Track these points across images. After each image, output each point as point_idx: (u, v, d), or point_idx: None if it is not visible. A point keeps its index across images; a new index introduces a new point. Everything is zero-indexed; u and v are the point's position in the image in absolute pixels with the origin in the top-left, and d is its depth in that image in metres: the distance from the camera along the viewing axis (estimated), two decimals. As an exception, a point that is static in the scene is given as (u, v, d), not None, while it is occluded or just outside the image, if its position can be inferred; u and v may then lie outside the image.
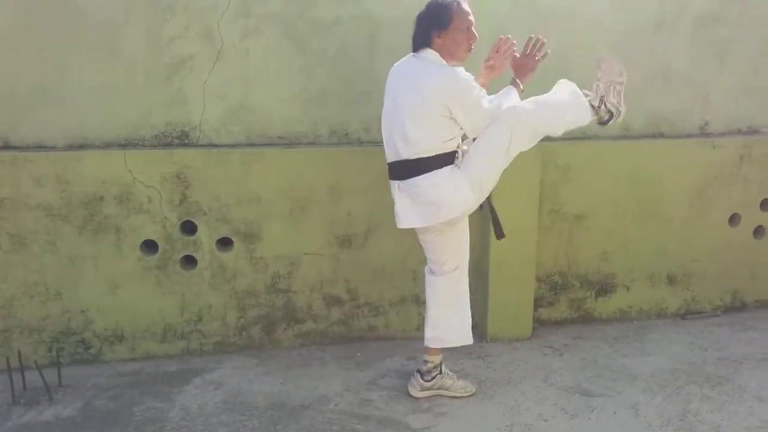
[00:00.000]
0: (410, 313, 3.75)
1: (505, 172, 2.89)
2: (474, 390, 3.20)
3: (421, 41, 2.81)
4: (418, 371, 3.18)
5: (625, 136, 4.00)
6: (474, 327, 3.82)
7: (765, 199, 4.13)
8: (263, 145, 3.55)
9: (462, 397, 3.16)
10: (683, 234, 4.04)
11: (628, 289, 4.04)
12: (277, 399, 3.15)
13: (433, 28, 2.76)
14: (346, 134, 3.64)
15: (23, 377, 3.17)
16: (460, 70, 2.73)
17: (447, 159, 2.79)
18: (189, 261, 3.48)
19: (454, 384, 3.18)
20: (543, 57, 3.00)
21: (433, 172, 2.75)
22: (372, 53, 3.58)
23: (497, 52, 3.08)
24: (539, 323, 3.94)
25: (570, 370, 3.46)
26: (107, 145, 3.40)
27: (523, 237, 3.66)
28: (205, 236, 3.44)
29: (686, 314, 4.13)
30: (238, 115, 3.51)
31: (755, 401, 3.13)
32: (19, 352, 3.19)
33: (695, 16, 3.95)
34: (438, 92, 2.67)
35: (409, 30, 3.52)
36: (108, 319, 3.44)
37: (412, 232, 3.10)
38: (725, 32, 4.01)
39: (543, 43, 3.00)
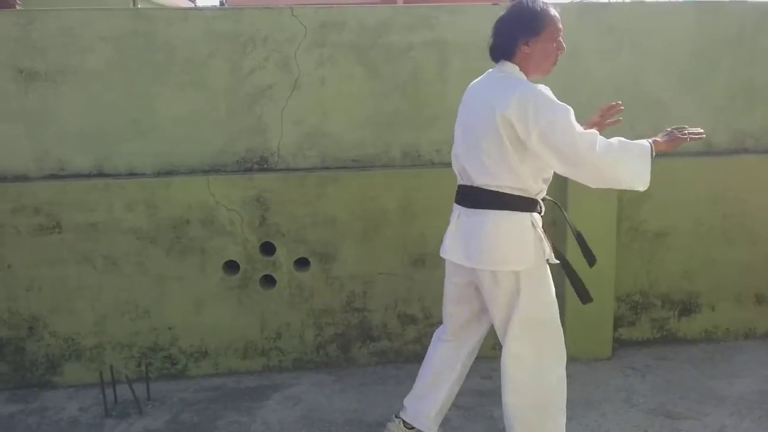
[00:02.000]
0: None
1: (582, 191, 2.81)
2: None
3: (502, 50, 2.45)
4: None
5: (708, 152, 3.88)
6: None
7: None
8: (338, 168, 3.66)
9: None
10: (772, 252, 3.88)
11: (713, 308, 3.89)
12: (354, 416, 3.20)
13: (521, 36, 2.38)
14: (418, 156, 3.71)
15: (114, 391, 3.35)
16: (544, 87, 2.35)
17: (525, 204, 2.44)
18: (268, 281, 3.61)
19: None
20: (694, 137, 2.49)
21: (503, 212, 2.43)
22: (443, 77, 3.65)
23: (602, 116, 2.74)
24: (619, 343, 3.84)
25: (653, 392, 3.35)
26: (192, 172, 3.59)
27: (601, 255, 3.56)
28: (284, 257, 3.56)
29: (777, 335, 3.95)
30: (314, 140, 3.64)
31: None
32: (111, 367, 3.38)
33: (777, 27, 3.84)
34: (510, 113, 2.28)
35: (479, 55, 3.59)
36: (193, 336, 3.59)
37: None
38: (809, 42, 3.88)
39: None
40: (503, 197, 2.42)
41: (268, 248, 3.58)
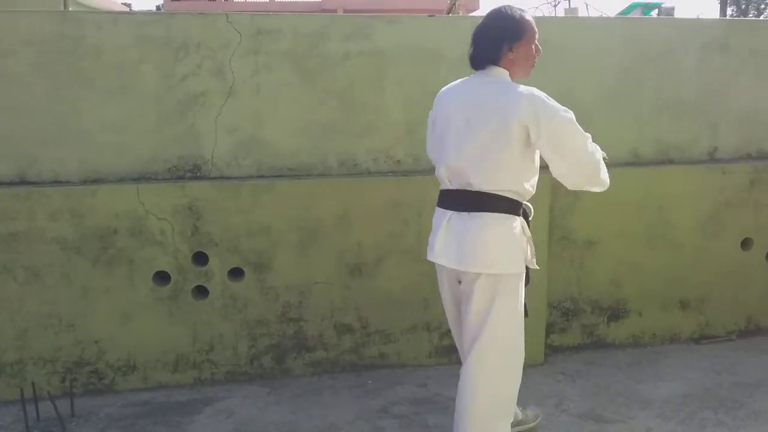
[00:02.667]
0: (421, 340, 3.75)
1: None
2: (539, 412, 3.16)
3: (488, 57, 2.51)
4: None
5: (634, 162, 4.02)
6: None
7: (777, 223, 4.11)
8: (273, 176, 3.61)
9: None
10: (695, 259, 4.02)
11: (640, 314, 4.02)
12: (288, 428, 3.15)
13: (506, 41, 2.46)
14: (355, 165, 3.70)
15: (37, 408, 3.20)
16: (539, 91, 2.43)
17: (518, 208, 2.51)
18: (201, 291, 3.53)
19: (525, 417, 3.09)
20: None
21: (500, 215, 2.46)
22: (379, 86, 3.66)
23: None
24: (551, 349, 3.91)
25: (583, 397, 3.43)
26: (120, 180, 3.49)
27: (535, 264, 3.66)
28: (217, 267, 3.49)
29: (700, 339, 4.09)
30: (249, 148, 3.59)
31: (772, 425, 3.09)
32: (32, 383, 3.23)
33: (701, 45, 4.01)
34: (523, 117, 2.34)
35: (415, 64, 3.64)
36: (120, 349, 3.47)
37: (424, 261, 2.80)
38: (731, 60, 4.06)
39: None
40: (500, 200, 2.46)
41: (200, 258, 3.50)
